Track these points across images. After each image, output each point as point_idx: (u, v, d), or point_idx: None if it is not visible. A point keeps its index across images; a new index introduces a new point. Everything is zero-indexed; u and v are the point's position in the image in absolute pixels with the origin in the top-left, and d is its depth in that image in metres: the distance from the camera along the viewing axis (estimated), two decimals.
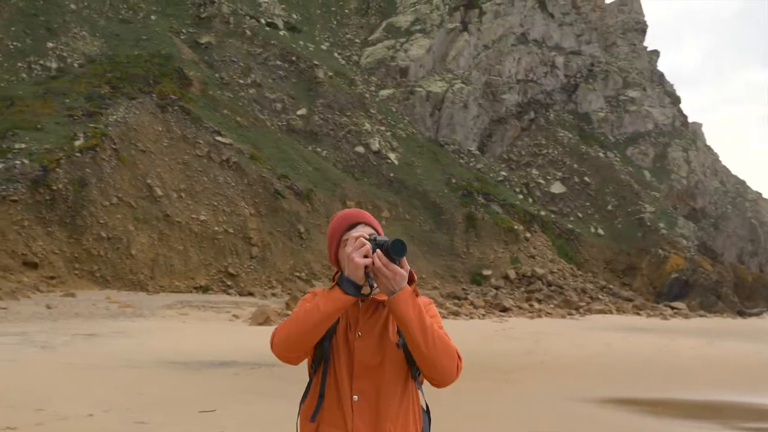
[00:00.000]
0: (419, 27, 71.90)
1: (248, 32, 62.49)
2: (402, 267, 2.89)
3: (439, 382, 2.96)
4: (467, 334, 26.05)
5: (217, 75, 57.78)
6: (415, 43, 70.44)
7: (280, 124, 57.16)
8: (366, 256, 2.86)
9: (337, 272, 3.20)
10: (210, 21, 62.64)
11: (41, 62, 51.85)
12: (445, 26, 72.41)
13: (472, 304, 43.16)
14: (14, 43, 51.83)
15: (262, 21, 65.67)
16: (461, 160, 64.39)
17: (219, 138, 48.76)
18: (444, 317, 35.35)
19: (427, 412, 3.24)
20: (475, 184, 59.56)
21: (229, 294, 39.66)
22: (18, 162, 39.51)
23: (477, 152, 68.20)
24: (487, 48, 73.58)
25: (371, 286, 2.90)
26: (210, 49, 60.07)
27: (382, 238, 2.96)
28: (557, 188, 67.71)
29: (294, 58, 62.46)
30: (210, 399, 10.40)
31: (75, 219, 38.90)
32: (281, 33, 65.66)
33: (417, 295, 2.96)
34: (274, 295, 40.20)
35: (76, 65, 52.73)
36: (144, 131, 45.96)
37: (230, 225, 43.93)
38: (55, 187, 39.08)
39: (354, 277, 2.86)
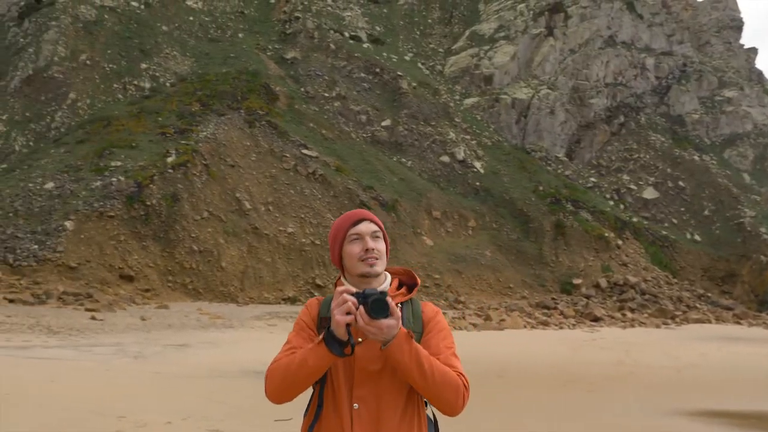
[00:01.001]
0: (503, 34, 71.28)
1: (332, 46, 63.33)
2: (392, 314, 2.77)
3: (443, 413, 2.89)
4: (555, 345, 25.46)
5: (302, 89, 58.73)
6: (499, 50, 69.84)
7: (364, 135, 57.57)
8: (350, 312, 2.78)
9: (339, 278, 3.15)
10: (295, 36, 63.81)
11: (135, 83, 53.92)
12: (529, 32, 71.51)
13: (561, 313, 42.21)
14: (110, 66, 54.08)
15: (346, 34, 66.43)
16: (549, 167, 63.28)
17: (305, 151, 49.50)
18: (533, 327, 34.72)
19: (435, 423, 3.13)
20: (563, 191, 58.40)
21: None
22: (114, 179, 41.11)
23: (565, 158, 66.88)
24: (574, 52, 72.25)
25: (353, 345, 2.81)
26: (295, 63, 61.15)
27: (371, 291, 2.81)
28: (650, 194, 65.63)
29: (378, 70, 62.89)
30: (288, 408, 10.46)
31: (168, 233, 40.13)
32: (365, 45, 66.25)
33: (411, 337, 2.82)
34: None
35: (168, 84, 54.59)
36: (233, 146, 47.09)
37: (317, 237, 44.42)
38: (149, 203, 40.46)
39: (337, 333, 2.78)
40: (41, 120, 49.36)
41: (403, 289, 3.18)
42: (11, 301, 31.00)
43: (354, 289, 2.88)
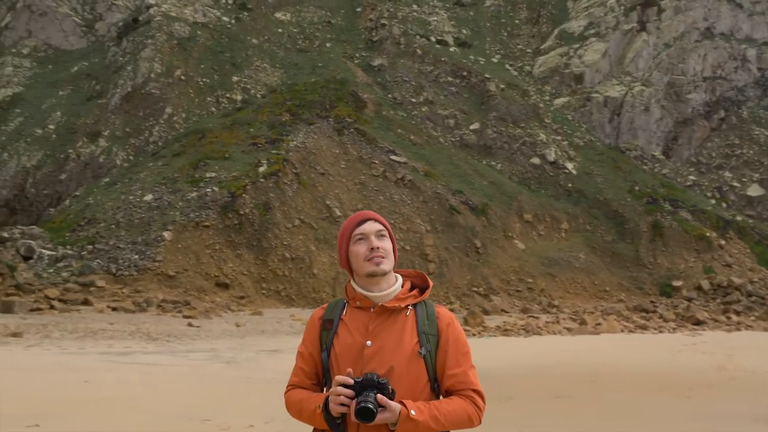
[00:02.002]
0: (593, 31, 69.67)
1: (419, 51, 63.38)
2: (387, 409, 2.75)
3: None
4: (653, 349, 24.56)
5: (390, 95, 58.97)
6: (589, 47, 68.29)
7: (453, 140, 57.29)
8: (344, 403, 2.80)
9: (349, 281, 3.11)
10: (382, 43, 64.18)
11: (228, 95, 55.38)
12: (621, 28, 69.63)
13: (661, 317, 40.70)
14: (204, 80, 55.74)
15: (432, 39, 66.37)
16: (645, 166, 61.32)
17: (394, 157, 49.64)
18: (630, 331, 33.58)
19: None
20: (660, 190, 56.44)
21: None
22: (209, 190, 42.29)
23: (662, 157, 64.68)
24: (669, 46, 69.88)
25: (344, 429, 2.85)
26: (382, 70, 61.48)
27: (369, 378, 2.78)
28: (755, 191, 62.66)
29: (465, 73, 62.53)
30: None
31: (261, 241, 40.94)
32: (451, 49, 66.00)
33: (411, 414, 2.80)
34: (452, 310, 40.06)
35: (258, 96, 55.84)
36: (322, 154, 47.70)
37: (407, 242, 44.42)
38: (242, 212, 41.41)
39: (334, 413, 2.84)
40: (140, 135, 51.32)
41: (414, 291, 3.13)
42: (114, 309, 32.26)
43: (350, 381, 2.82)
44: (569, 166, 56.61)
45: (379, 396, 2.73)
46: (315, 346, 3.08)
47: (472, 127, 58.48)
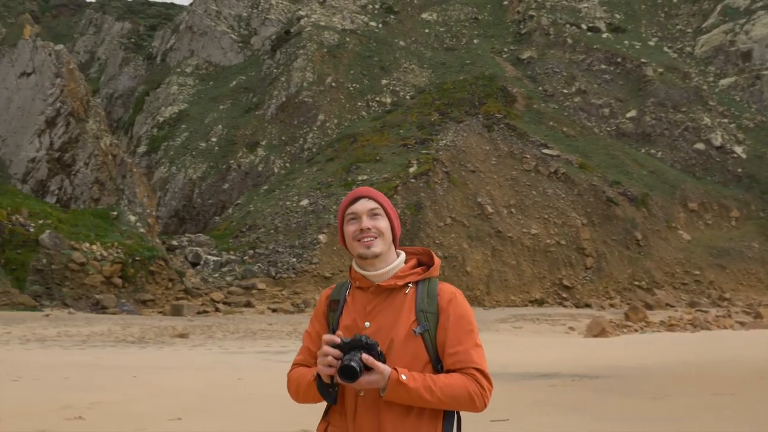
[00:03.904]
0: (761, 3, 64.74)
1: (569, 40, 61.52)
2: (375, 371, 2.60)
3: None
4: None
5: (540, 88, 57.63)
6: (757, 21, 63.52)
7: (608, 129, 55.12)
8: (332, 365, 2.65)
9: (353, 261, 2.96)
10: (530, 35, 62.87)
11: (377, 99, 56.20)
12: None
13: None
14: (354, 85, 56.88)
15: (584, 26, 64.22)
16: None
17: (546, 150, 48.42)
18: None
19: (458, 418, 2.83)
20: None
21: (564, 306, 38.85)
22: None
23: None
24: None
25: (335, 397, 2.74)
26: (532, 63, 60.21)
27: (357, 339, 2.64)
28: None
29: (619, 60, 60.02)
30: (510, 409, 10.00)
31: (413, 241, 41.09)
32: (604, 36, 63.56)
33: (401, 380, 2.62)
34: (612, 305, 38.50)
35: (407, 97, 56.26)
36: (472, 152, 47.29)
37: (562, 237, 43.15)
38: None
39: (325, 381, 2.72)
40: (295, 142, 53.11)
41: (418, 269, 2.93)
42: (274, 310, 33.49)
43: (338, 340, 2.68)
44: (738, 149, 52.90)
45: (365, 356, 2.59)
46: (322, 325, 2.95)
47: (628, 115, 56.02)
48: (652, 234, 44.26)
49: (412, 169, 44.74)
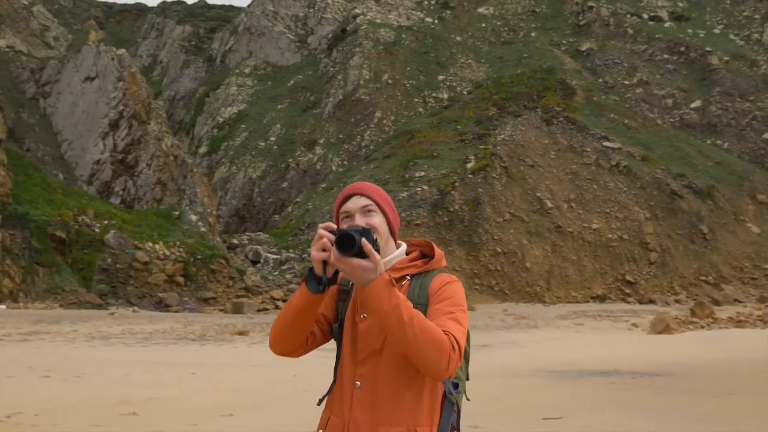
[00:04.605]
0: None
1: (630, 30, 60.22)
2: (370, 259, 2.47)
3: (426, 375, 2.56)
4: None
5: (600, 80, 56.56)
6: None
7: (672, 120, 53.76)
8: (325, 249, 2.57)
9: None
10: (589, 27, 61.76)
11: (434, 95, 55.96)
12: None
13: None
14: (410, 82, 56.76)
15: (645, 16, 62.76)
16: None
17: (607, 143, 47.49)
18: None
19: (454, 402, 2.73)
20: None
21: (627, 302, 38.03)
22: (419, 189, 42.88)
23: None
24: None
25: (326, 283, 2.61)
26: (591, 54, 59.13)
27: (353, 227, 2.57)
28: None
29: (683, 49, 58.48)
30: (565, 407, 9.79)
31: (472, 237, 40.81)
32: (666, 25, 62.00)
33: (393, 284, 2.51)
34: (677, 301, 37.53)
35: (464, 92, 55.87)
36: (531, 146, 46.68)
37: (625, 231, 42.26)
38: (451, 209, 41.52)
39: (316, 270, 2.61)
40: (352, 140, 53.28)
41: (418, 261, 2.83)
42: None
43: (334, 226, 2.65)
44: None
45: (364, 240, 2.49)
46: (327, 305, 2.86)
47: (693, 105, 54.54)
48: (719, 227, 42.99)
49: (469, 165, 44.39)
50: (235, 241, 42.31)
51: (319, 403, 2.88)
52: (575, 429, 8.51)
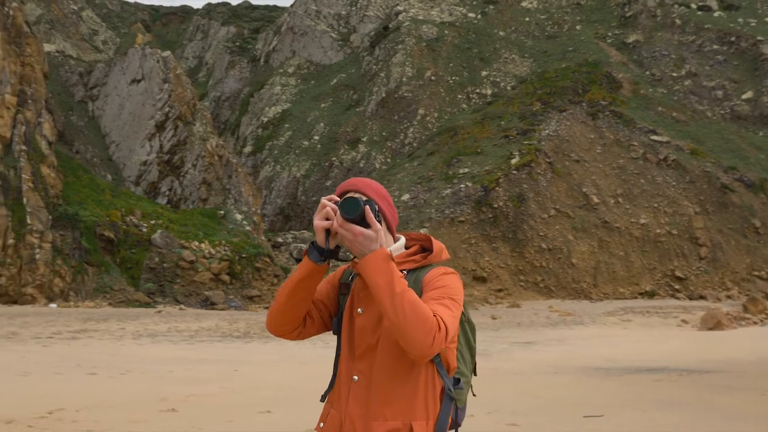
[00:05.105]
0: None
1: (678, 21, 59.00)
2: (372, 228, 2.48)
3: (410, 354, 2.48)
4: None
5: (647, 72, 55.55)
6: None
7: (722, 112, 52.53)
8: (329, 218, 2.57)
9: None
10: (636, 18, 60.69)
11: (477, 91, 55.57)
12: None
13: None
14: (453, 78, 56.45)
15: (693, 6, 61.43)
16: None
17: (654, 137, 46.61)
18: None
19: (453, 398, 2.68)
20: None
21: (677, 298, 37.29)
22: (462, 186, 42.64)
23: None
24: None
25: (328, 253, 2.60)
26: (638, 47, 58.11)
27: (358, 196, 2.58)
28: None
29: (733, 39, 57.08)
30: (607, 405, 9.58)
31: (516, 233, 40.44)
32: (716, 14, 60.59)
33: (392, 260, 2.49)
34: (729, 297, 36.67)
35: (508, 88, 55.36)
36: (576, 141, 46.06)
37: (673, 226, 41.43)
38: (496, 205, 41.19)
39: (318, 241, 2.60)
40: (396, 138, 53.21)
41: (417, 256, 2.79)
42: None
43: (337, 198, 2.64)
44: None
45: (367, 208, 2.50)
46: (328, 292, 2.84)
47: (744, 96, 53.21)
48: None
49: (513, 161, 43.98)
50: (280, 240, 42.60)
51: (322, 400, 2.85)
52: (615, 427, 8.31)
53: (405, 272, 2.72)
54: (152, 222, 36.67)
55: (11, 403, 9.55)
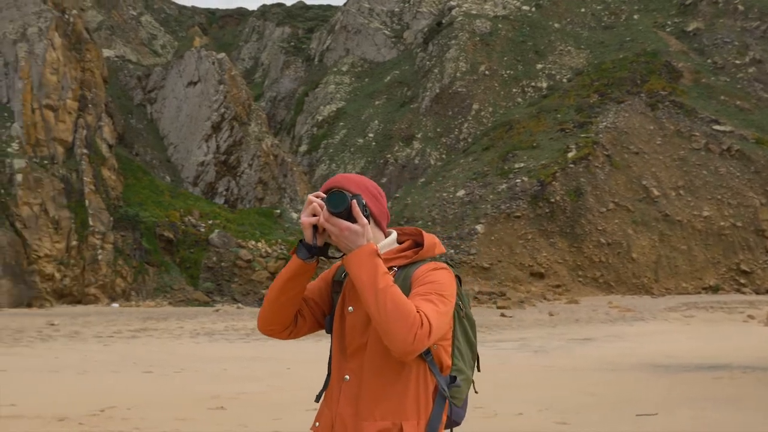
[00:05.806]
0: None
1: (741, 7, 57.21)
2: (358, 222, 2.45)
3: (392, 352, 2.41)
4: None
5: (709, 61, 54.03)
6: None
7: None
8: (315, 214, 2.52)
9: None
10: (696, 6, 59.10)
11: (533, 84, 54.88)
12: None
13: None
14: (508, 72, 55.85)
15: None
16: None
17: (717, 127, 45.32)
18: None
19: (446, 397, 2.60)
20: None
21: (743, 293, 36.19)
22: (518, 180, 42.16)
23: None
24: None
25: (316, 249, 2.55)
26: (699, 35, 56.56)
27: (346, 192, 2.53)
28: None
29: None
30: (662, 403, 9.28)
31: (574, 228, 39.80)
32: None
33: (378, 255, 2.44)
34: None
35: (564, 80, 54.53)
36: (635, 133, 45.11)
37: (738, 218, 40.21)
38: (552, 200, 40.62)
39: (306, 238, 2.56)
40: (450, 133, 52.91)
41: (409, 252, 2.70)
42: None
43: (324, 195, 2.58)
44: None
45: (354, 202, 2.46)
46: (321, 290, 2.78)
47: None
48: None
49: (570, 154, 43.30)
50: None
51: (317, 399, 2.79)
52: (668, 427, 8.02)
53: (395, 269, 2.65)
54: (210, 222, 37.23)
55: (66, 401, 9.75)
